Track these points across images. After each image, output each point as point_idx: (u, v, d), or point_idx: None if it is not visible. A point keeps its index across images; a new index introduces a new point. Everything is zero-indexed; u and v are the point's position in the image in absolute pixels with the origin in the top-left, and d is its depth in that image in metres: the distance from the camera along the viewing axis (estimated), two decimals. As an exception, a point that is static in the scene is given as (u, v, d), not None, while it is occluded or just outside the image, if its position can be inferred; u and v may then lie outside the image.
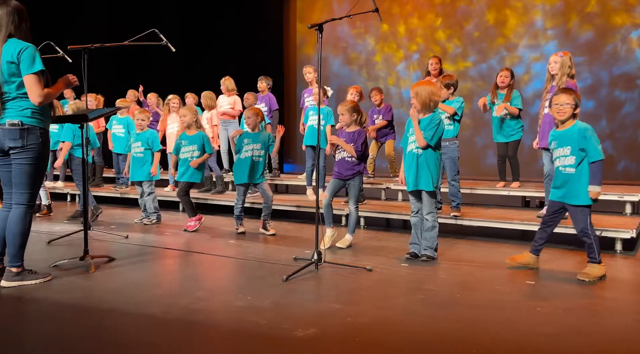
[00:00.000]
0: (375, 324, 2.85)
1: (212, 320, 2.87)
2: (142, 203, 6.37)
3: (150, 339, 2.62)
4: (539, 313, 3.04)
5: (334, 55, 12.94)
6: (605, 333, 2.76)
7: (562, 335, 2.69)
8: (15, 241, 3.51)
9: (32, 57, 3.38)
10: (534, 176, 7.45)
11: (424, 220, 4.41)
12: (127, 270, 4.00)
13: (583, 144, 3.79)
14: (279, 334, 2.66)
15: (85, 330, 2.75)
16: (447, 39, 11.13)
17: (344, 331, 2.73)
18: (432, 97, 4.26)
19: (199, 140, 5.72)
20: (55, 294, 3.35)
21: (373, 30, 12.30)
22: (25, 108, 3.45)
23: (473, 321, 2.91)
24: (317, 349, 2.50)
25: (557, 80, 5.14)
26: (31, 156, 3.47)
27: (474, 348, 2.52)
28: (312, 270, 3.93)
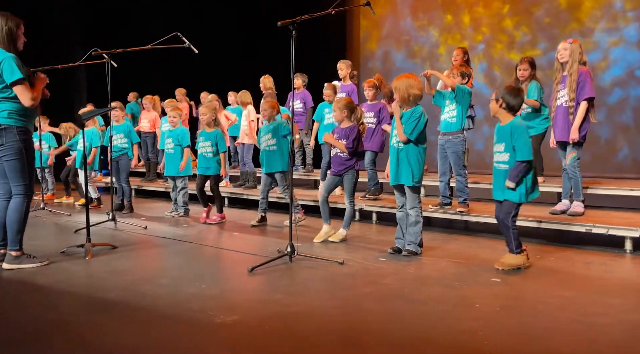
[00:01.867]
0: (300, 314, 2.93)
1: (153, 305, 3.09)
2: (174, 196, 6.79)
3: (78, 319, 2.89)
4: (473, 310, 2.98)
5: (397, 49, 12.87)
6: (523, 333, 2.65)
7: (476, 333, 2.63)
8: (13, 227, 3.95)
9: (11, 66, 3.77)
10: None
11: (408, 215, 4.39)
12: (119, 258, 4.35)
13: (514, 141, 3.75)
14: (199, 319, 2.83)
15: (33, 308, 3.07)
16: (515, 26, 10.72)
17: (264, 319, 2.84)
18: (409, 90, 4.22)
19: (213, 138, 6.02)
20: (40, 277, 3.73)
21: (437, 21, 12.10)
22: (4, 110, 3.84)
23: (397, 314, 2.91)
24: (222, 333, 2.64)
25: (568, 68, 4.89)
26: (12, 152, 3.87)
27: (374, 339, 2.54)
28: (286, 262, 4.07)
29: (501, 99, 3.84)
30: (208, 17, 12.09)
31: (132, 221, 5.99)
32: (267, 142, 5.74)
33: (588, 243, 4.79)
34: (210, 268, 4.13)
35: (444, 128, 5.29)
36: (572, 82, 4.84)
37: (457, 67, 5.28)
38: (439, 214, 5.59)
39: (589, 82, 4.82)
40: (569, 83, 4.87)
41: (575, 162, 4.92)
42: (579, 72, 4.83)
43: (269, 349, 2.45)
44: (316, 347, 2.49)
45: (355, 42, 13.82)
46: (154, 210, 7.20)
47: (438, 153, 5.42)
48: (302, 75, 7.80)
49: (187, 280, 3.62)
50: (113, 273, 3.84)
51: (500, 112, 3.88)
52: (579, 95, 4.82)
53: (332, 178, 5.01)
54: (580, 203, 5.04)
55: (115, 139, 6.88)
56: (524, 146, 3.71)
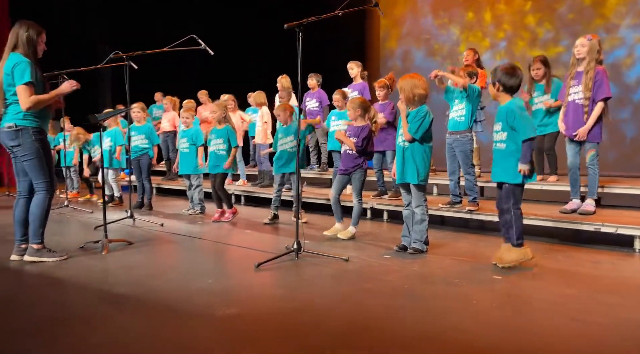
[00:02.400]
0: (299, 309, 3.02)
1: (159, 299, 3.21)
2: (190, 195, 6.96)
3: (87, 311, 3.03)
4: (470, 306, 3.03)
5: (417, 47, 12.89)
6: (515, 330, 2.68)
7: (469, 329, 2.68)
8: (35, 222, 4.15)
9: (24, 70, 3.97)
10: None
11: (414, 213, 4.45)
12: (133, 253, 4.51)
13: (512, 122, 3.75)
14: (201, 313, 2.94)
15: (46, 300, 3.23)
16: (538, 23, 10.67)
17: (264, 313, 2.94)
18: (414, 90, 4.28)
19: (224, 134, 6.15)
20: (58, 270, 3.91)
21: (458, 19, 12.09)
22: (19, 112, 4.03)
23: (396, 310, 2.98)
24: (221, 326, 2.74)
25: (586, 65, 4.86)
26: (29, 152, 4.07)
27: (370, 335, 2.61)
28: (292, 259, 4.16)
29: (497, 82, 3.85)
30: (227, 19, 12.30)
31: (149, 219, 6.16)
32: (289, 144, 5.86)
33: (598, 243, 4.78)
34: (219, 264, 4.26)
35: (452, 127, 5.32)
36: (589, 81, 4.82)
37: (463, 67, 5.30)
38: (449, 213, 5.62)
39: (605, 81, 4.79)
40: (584, 81, 4.85)
41: (595, 159, 4.90)
42: (596, 70, 4.80)
43: (264, 342, 2.55)
44: (312, 341, 2.57)
45: (375, 41, 13.85)
46: (172, 208, 7.38)
47: (446, 152, 5.45)
48: (316, 75, 7.89)
49: (195, 275, 3.75)
50: (126, 268, 3.99)
51: (498, 95, 3.89)
52: (595, 95, 4.80)
53: (341, 177, 5.10)
54: (593, 201, 5.02)
55: (136, 140, 7.09)
56: (522, 125, 3.69)
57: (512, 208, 3.83)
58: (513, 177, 3.79)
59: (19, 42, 4.09)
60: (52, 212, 6.77)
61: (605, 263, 4.10)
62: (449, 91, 5.27)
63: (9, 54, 4.07)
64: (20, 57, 4.03)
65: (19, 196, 4.25)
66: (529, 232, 5.09)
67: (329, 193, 7.11)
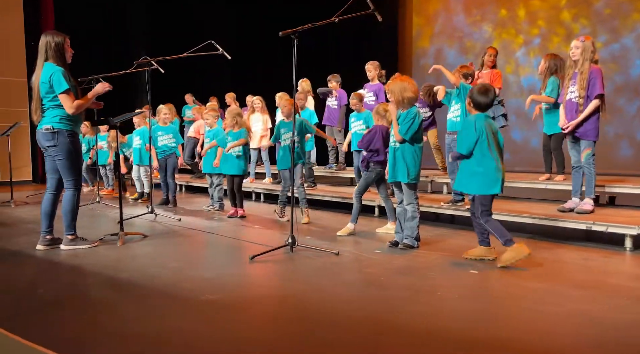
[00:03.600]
0: (275, 297, 3.32)
1: (154, 284, 3.56)
2: (211, 192, 7.35)
3: (89, 293, 3.42)
4: (433, 297, 3.24)
5: (449, 46, 12.93)
6: (468, 319, 2.88)
7: (425, 316, 2.90)
8: (67, 215, 4.64)
9: (59, 79, 4.42)
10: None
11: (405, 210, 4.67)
12: (145, 245, 4.90)
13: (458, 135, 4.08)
14: (186, 296, 3.27)
15: (56, 284, 3.64)
16: (573, 18, 10.58)
17: (243, 299, 3.24)
18: (403, 93, 4.49)
19: (239, 137, 6.49)
20: (76, 258, 4.33)
21: (490, 16, 12.07)
22: (55, 115, 4.49)
23: (363, 299, 3.23)
24: (201, 309, 3.06)
25: (580, 66, 4.98)
26: (63, 152, 4.52)
27: (331, 319, 2.88)
28: (287, 252, 4.46)
29: (469, 98, 4.10)
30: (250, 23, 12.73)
31: (170, 214, 6.58)
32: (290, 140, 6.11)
33: (595, 241, 4.86)
34: (219, 256, 4.59)
35: (449, 128, 5.49)
36: (583, 80, 4.93)
37: (459, 69, 5.45)
38: (449, 211, 5.78)
39: (599, 79, 4.90)
40: (579, 81, 4.96)
41: (591, 159, 4.98)
42: (590, 70, 4.90)
43: (233, 323, 2.85)
44: (274, 323, 2.86)
45: (407, 39, 13.92)
46: (195, 205, 7.80)
47: (446, 152, 5.62)
48: (334, 77, 8.15)
49: (193, 265, 4.10)
50: (134, 257, 4.38)
51: (470, 110, 4.13)
52: (590, 92, 4.91)
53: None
54: (591, 200, 5.09)
55: (164, 139, 7.55)
56: (460, 138, 4.04)
57: (482, 217, 4.04)
58: (476, 189, 4.01)
59: (49, 52, 4.53)
60: (85, 208, 7.38)
61: (590, 260, 4.21)
62: (447, 93, 5.46)
63: (42, 64, 4.51)
64: (54, 66, 4.47)
65: (47, 191, 4.71)
66: (523, 230, 5.25)
67: (344, 192, 7.41)
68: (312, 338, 2.62)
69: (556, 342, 2.53)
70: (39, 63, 4.52)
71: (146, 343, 2.55)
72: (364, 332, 2.68)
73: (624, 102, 9.66)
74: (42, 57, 4.53)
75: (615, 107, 8.97)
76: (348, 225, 5.31)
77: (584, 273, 3.83)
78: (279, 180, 8.34)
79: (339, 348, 2.48)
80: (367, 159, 5.25)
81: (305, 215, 6.11)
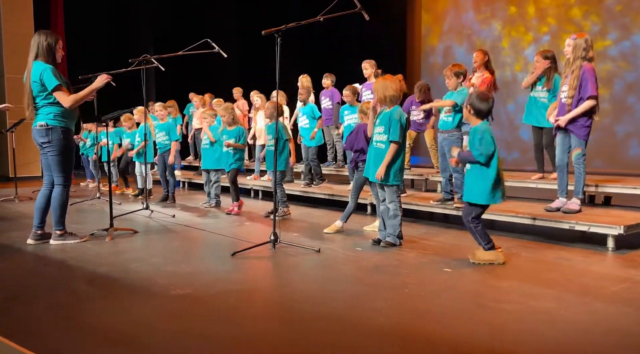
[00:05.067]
0: (245, 291, 3.37)
1: (129, 279, 3.64)
2: (207, 189, 7.44)
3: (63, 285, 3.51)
4: (398, 294, 3.27)
5: (458, 43, 12.87)
6: (421, 315, 2.91)
7: (380, 311, 2.94)
8: (56, 212, 4.75)
9: (49, 76, 4.53)
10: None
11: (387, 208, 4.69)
12: (133, 240, 5.01)
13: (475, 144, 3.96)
14: (157, 291, 3.35)
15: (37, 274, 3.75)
16: (584, 16, 10.47)
17: (212, 294, 3.30)
18: (385, 92, 4.51)
19: (235, 135, 6.57)
20: (61, 253, 4.44)
21: (500, 13, 12.00)
22: (49, 112, 4.60)
23: (326, 294, 3.27)
24: (169, 303, 3.13)
25: (571, 65, 4.91)
26: (56, 149, 4.63)
27: (289, 313, 2.93)
28: (269, 249, 4.52)
29: (469, 105, 4.05)
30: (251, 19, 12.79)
31: (165, 211, 6.69)
32: (269, 142, 6.19)
33: (582, 241, 4.83)
34: (202, 252, 4.67)
35: (441, 127, 5.49)
36: (574, 79, 4.86)
37: (450, 67, 5.44)
38: (438, 209, 5.78)
39: (591, 79, 4.79)
40: (570, 80, 4.90)
41: (581, 158, 4.94)
42: (582, 68, 4.82)
43: (194, 317, 2.91)
44: (235, 314, 2.92)
45: (416, 37, 13.87)
46: (194, 201, 7.90)
47: (438, 150, 5.62)
48: (330, 75, 8.20)
49: (173, 260, 4.18)
50: (117, 253, 4.48)
51: (470, 117, 4.09)
52: (582, 94, 4.83)
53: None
54: (578, 200, 5.05)
55: (159, 137, 7.66)
56: (479, 147, 3.90)
57: (472, 221, 4.04)
58: (475, 198, 3.99)
59: (40, 50, 4.65)
60: (85, 203, 7.53)
61: (568, 260, 4.19)
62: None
63: (32, 63, 4.63)
64: (43, 64, 4.59)
65: (43, 187, 4.84)
66: (508, 229, 5.24)
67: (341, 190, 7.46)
68: (264, 333, 2.67)
69: (507, 338, 2.55)
70: (30, 61, 4.64)
71: (108, 337, 2.63)
72: (317, 327, 2.72)
73: (634, 101, 9.50)
74: (32, 54, 4.64)
75: (625, 106, 8.87)
76: (336, 223, 5.35)
77: (556, 272, 3.81)
78: (286, 179, 8.46)
79: (287, 343, 2.53)
80: (355, 159, 5.28)
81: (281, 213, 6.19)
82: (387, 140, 4.52)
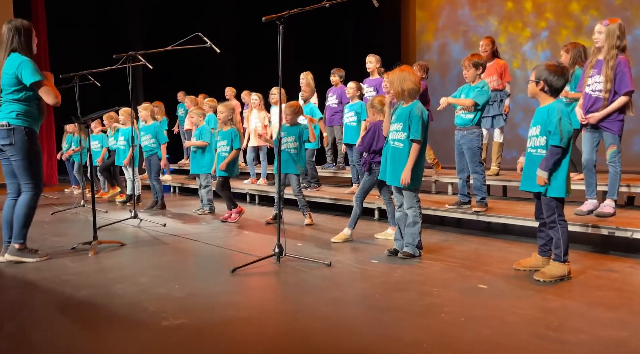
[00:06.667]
0: (248, 319, 2.84)
1: (114, 304, 3.09)
2: (201, 194, 6.89)
3: (35, 315, 2.95)
4: (435, 319, 2.75)
5: (454, 40, 12.60)
6: (473, 349, 2.40)
7: (421, 345, 2.42)
8: (19, 221, 4.14)
9: (32, 70, 3.96)
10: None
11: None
12: (119, 255, 4.44)
13: (550, 127, 3.33)
14: (147, 321, 2.80)
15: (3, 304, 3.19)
16: (583, 10, 10.24)
17: (211, 323, 2.76)
18: (403, 84, 4.00)
19: (229, 136, 6.03)
20: (35, 272, 3.87)
21: (496, 9, 11.81)
22: (12, 110, 4.03)
23: (349, 322, 2.74)
24: (161, 337, 2.59)
25: (605, 54, 4.43)
26: (19, 152, 4.05)
27: (309, 350, 2.40)
28: (273, 263, 3.98)
29: (543, 82, 3.40)
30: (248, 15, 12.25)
31: (155, 219, 6.13)
32: (289, 145, 5.66)
33: (622, 249, 4.35)
34: (197, 268, 4.12)
35: (459, 123, 4.98)
36: (609, 70, 4.38)
37: (469, 57, 4.94)
38: (455, 214, 5.28)
39: (627, 73, 4.34)
40: (605, 71, 4.41)
41: (617, 156, 4.46)
42: (617, 60, 4.35)
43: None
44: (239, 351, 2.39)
45: (410, 34, 13.58)
46: (186, 208, 7.35)
47: (455, 149, 5.12)
48: (338, 71, 7.66)
49: (165, 280, 3.62)
50: (100, 271, 3.92)
51: (539, 94, 3.46)
52: (617, 87, 4.36)
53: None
54: (612, 202, 4.57)
55: (144, 140, 7.10)
56: (558, 130, 3.28)
57: (557, 221, 3.41)
58: (557, 190, 3.38)
59: (16, 41, 4.08)
60: (69, 211, 6.95)
61: (613, 271, 3.68)
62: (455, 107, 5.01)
63: (7, 54, 4.06)
64: (21, 56, 4.03)
65: (8, 198, 4.26)
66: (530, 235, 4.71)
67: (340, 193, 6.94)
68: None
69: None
70: (4, 53, 4.06)
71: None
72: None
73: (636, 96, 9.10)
74: (6, 46, 4.07)
75: (627, 102, 8.46)
76: (344, 231, 4.83)
77: (610, 288, 3.30)
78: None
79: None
80: (368, 160, 4.76)
81: (307, 217, 5.72)
82: (407, 138, 4.00)
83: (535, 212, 3.64)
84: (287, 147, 5.64)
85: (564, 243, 3.38)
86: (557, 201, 3.41)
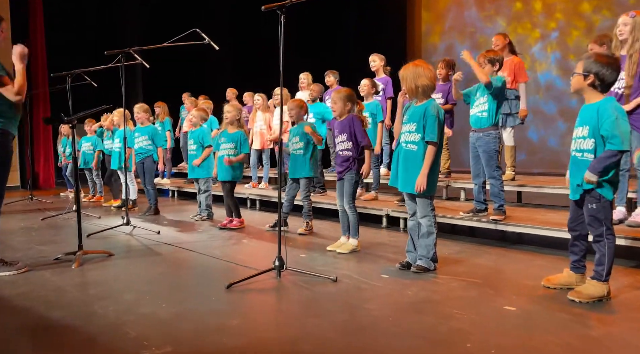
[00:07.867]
0: (243, 348, 2.46)
1: (91, 327, 2.71)
2: (199, 199, 6.52)
3: (11, 342, 2.58)
4: (460, 350, 2.36)
5: (461, 42, 12.33)
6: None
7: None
8: None
9: None
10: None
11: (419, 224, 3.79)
12: (104, 267, 4.07)
13: (603, 129, 2.91)
14: (126, 349, 2.42)
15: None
16: (594, 10, 9.94)
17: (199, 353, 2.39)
18: (417, 80, 3.62)
19: (237, 139, 5.64)
20: (9, 286, 3.48)
21: (504, 10, 11.54)
22: None
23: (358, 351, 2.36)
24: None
25: (629, 48, 4.07)
26: None
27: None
28: (273, 277, 3.60)
29: (593, 75, 2.97)
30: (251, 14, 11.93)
31: (149, 226, 5.75)
32: (295, 146, 5.28)
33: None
34: (189, 282, 3.73)
35: (474, 124, 4.60)
36: (632, 65, 4.03)
37: (484, 53, 4.57)
38: (470, 222, 4.89)
39: None
40: (627, 66, 4.05)
41: None
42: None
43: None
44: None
45: (416, 36, 13.32)
46: (183, 213, 6.97)
47: (470, 152, 4.73)
48: (333, 72, 7.33)
49: (152, 296, 3.24)
50: (82, 285, 3.54)
51: (586, 90, 3.03)
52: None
53: (339, 183, 4.50)
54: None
55: (139, 141, 6.74)
56: (617, 132, 2.86)
57: (605, 235, 2.99)
58: (609, 191, 2.98)
59: None
60: (60, 217, 6.58)
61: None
62: (466, 96, 4.62)
63: None
64: None
65: None
66: (558, 246, 4.32)
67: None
68: None
69: None
70: None
71: None
72: None
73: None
74: None
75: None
76: (350, 241, 4.45)
77: None
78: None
79: None
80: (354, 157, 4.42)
81: (305, 225, 5.33)
82: (421, 140, 3.62)
83: (570, 223, 3.24)
84: (293, 149, 5.27)
85: (609, 260, 2.97)
86: (605, 211, 2.98)
